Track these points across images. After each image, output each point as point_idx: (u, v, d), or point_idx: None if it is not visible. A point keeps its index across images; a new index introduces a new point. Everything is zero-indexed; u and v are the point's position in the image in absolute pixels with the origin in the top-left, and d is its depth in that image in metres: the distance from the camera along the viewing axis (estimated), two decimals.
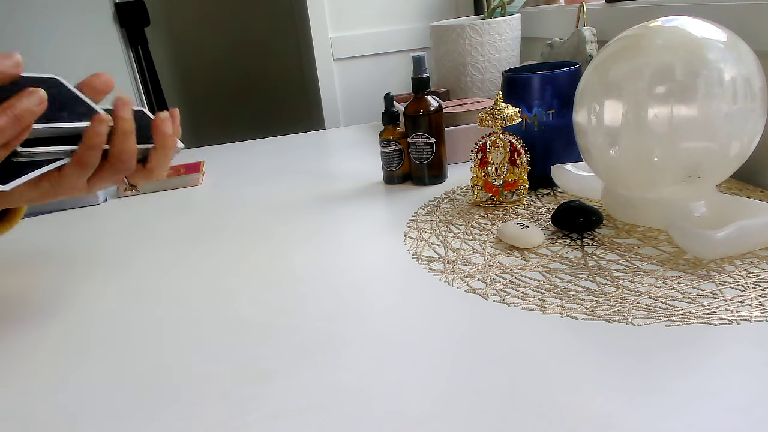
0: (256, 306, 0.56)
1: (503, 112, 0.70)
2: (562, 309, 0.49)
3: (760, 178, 0.71)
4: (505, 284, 0.55)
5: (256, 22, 2.74)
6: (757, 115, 0.55)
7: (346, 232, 0.72)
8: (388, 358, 0.46)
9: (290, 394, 0.43)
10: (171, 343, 0.52)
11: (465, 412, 0.39)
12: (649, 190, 0.60)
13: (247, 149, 1.22)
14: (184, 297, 0.60)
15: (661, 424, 0.36)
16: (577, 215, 0.62)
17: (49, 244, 0.80)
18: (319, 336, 0.50)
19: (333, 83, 1.67)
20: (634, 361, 0.42)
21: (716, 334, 0.44)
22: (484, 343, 0.46)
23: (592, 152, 0.61)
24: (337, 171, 0.98)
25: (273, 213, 0.82)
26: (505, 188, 0.73)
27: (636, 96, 0.56)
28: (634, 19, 0.89)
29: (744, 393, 0.37)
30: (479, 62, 1.13)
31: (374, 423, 0.39)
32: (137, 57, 2.00)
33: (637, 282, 0.52)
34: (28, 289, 0.67)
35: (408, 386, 0.42)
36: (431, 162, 0.83)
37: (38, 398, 0.46)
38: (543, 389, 0.40)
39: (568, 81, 0.72)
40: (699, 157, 0.55)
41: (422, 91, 0.80)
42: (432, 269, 0.59)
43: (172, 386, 0.45)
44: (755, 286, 0.49)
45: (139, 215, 0.88)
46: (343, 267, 0.62)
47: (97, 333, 0.55)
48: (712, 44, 0.54)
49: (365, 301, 0.55)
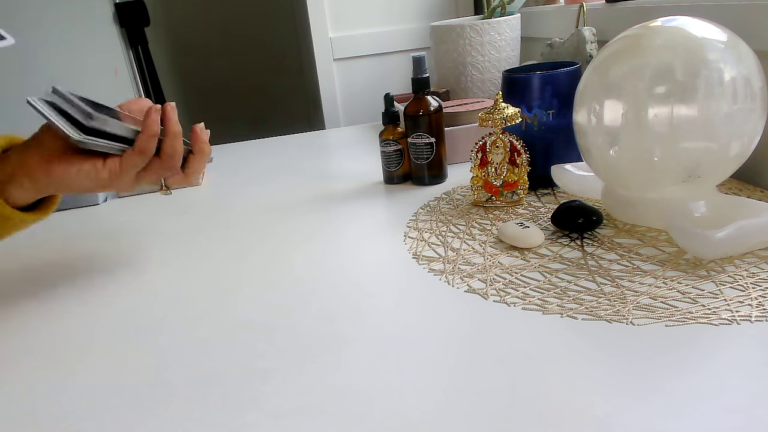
0: (256, 306, 0.56)
1: (503, 112, 0.70)
2: (562, 309, 0.49)
3: (760, 178, 0.71)
4: (505, 284, 0.55)
5: (257, 22, 2.74)
6: (757, 115, 0.55)
7: (346, 232, 0.72)
8: (388, 357, 0.46)
9: (290, 394, 0.43)
10: (171, 343, 0.52)
11: (465, 411, 0.39)
12: (649, 190, 0.60)
13: (247, 149, 1.22)
14: (184, 297, 0.60)
15: (661, 424, 0.36)
16: (577, 215, 0.62)
17: (49, 243, 0.80)
18: (319, 336, 0.50)
19: (333, 83, 1.67)
20: (635, 361, 0.42)
21: (716, 334, 0.44)
22: (484, 343, 0.46)
23: (592, 152, 0.61)
24: (337, 171, 0.98)
25: (273, 213, 0.82)
26: (505, 188, 0.73)
27: (636, 96, 0.56)
28: (634, 19, 0.89)
29: (744, 393, 0.37)
30: (479, 62, 1.13)
31: (374, 423, 0.39)
32: (137, 57, 2.00)
33: (637, 282, 0.52)
34: (28, 289, 0.67)
35: (408, 386, 0.42)
36: (431, 162, 0.83)
37: (38, 398, 0.46)
38: (543, 389, 0.40)
39: (568, 81, 0.72)
40: (699, 157, 0.55)
41: (422, 91, 0.80)
42: (432, 269, 0.59)
43: (172, 386, 0.45)
44: (755, 286, 0.49)
45: (139, 215, 0.88)
46: (343, 267, 0.62)
47: (97, 333, 0.55)
48: (712, 44, 0.54)
49: (365, 301, 0.55)
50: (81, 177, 0.56)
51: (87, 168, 0.56)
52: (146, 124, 0.56)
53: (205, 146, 0.61)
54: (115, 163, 0.57)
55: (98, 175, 0.56)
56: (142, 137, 0.56)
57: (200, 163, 0.62)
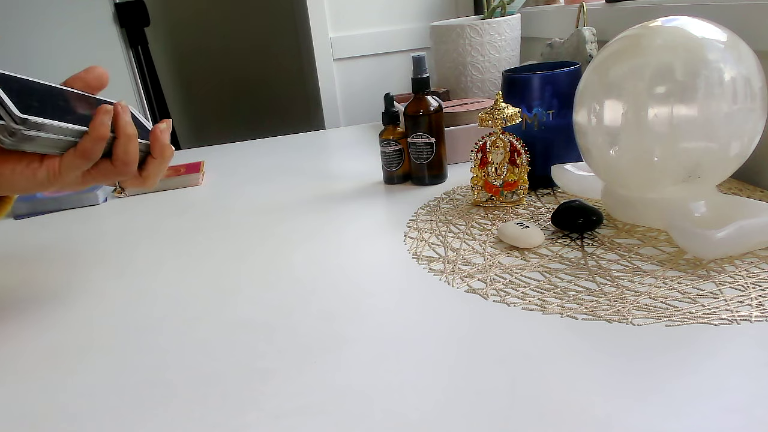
0: (256, 306, 0.56)
1: (503, 112, 0.70)
2: (562, 309, 0.49)
3: (760, 178, 0.71)
4: (505, 284, 0.55)
5: (256, 22, 2.74)
6: (757, 115, 0.55)
7: (346, 232, 0.72)
8: (388, 357, 0.46)
9: (290, 394, 0.43)
10: (171, 343, 0.52)
11: (465, 411, 0.39)
12: (649, 190, 0.60)
13: (247, 149, 1.22)
14: (184, 297, 0.60)
15: (661, 424, 0.36)
16: (577, 215, 0.62)
17: (49, 244, 0.80)
18: (319, 336, 0.50)
19: (333, 83, 1.67)
20: (635, 361, 0.42)
21: (716, 334, 0.44)
22: (484, 343, 0.46)
23: (592, 152, 0.61)
24: (337, 171, 0.98)
25: (273, 213, 0.82)
26: (505, 188, 0.73)
27: (636, 96, 0.56)
28: (634, 19, 0.89)
29: (744, 393, 0.37)
30: (479, 62, 1.13)
31: (374, 423, 0.39)
32: (137, 57, 2.00)
33: (637, 282, 0.52)
34: (28, 289, 0.67)
35: (408, 386, 0.42)
36: (431, 162, 0.83)
37: (38, 398, 0.46)
38: (543, 389, 0.40)
39: (568, 81, 0.72)
40: (699, 157, 0.55)
41: (422, 91, 0.80)
42: (432, 269, 0.59)
43: (172, 386, 0.45)
44: (755, 286, 0.49)
45: (139, 215, 0.88)
46: (343, 267, 0.62)
47: (97, 333, 0.55)
48: (712, 44, 0.54)
49: (365, 301, 0.55)
50: (16, 177, 0.50)
51: (21, 168, 0.50)
52: (92, 126, 0.50)
53: (165, 149, 0.55)
54: (54, 164, 0.50)
55: (35, 175, 0.50)
56: (87, 139, 0.50)
57: (159, 167, 0.55)
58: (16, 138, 0.47)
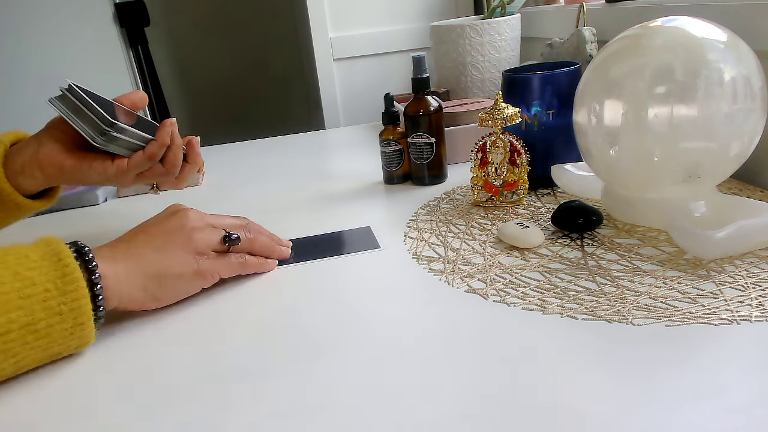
0: (254, 305, 0.56)
1: (503, 112, 0.70)
2: (562, 309, 0.49)
3: (760, 178, 0.71)
4: (505, 284, 0.55)
5: (256, 21, 2.74)
6: (757, 115, 0.55)
7: None
8: (387, 358, 0.46)
9: (290, 394, 0.43)
10: (170, 343, 0.51)
11: (465, 411, 0.39)
12: (649, 190, 0.60)
13: (247, 149, 1.22)
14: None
15: (661, 424, 0.36)
16: (577, 215, 0.62)
17: None
18: (318, 336, 0.50)
19: (333, 83, 1.67)
20: (635, 361, 0.42)
21: (716, 334, 0.44)
22: (484, 343, 0.46)
23: (592, 152, 0.61)
24: (337, 171, 0.98)
25: (273, 213, 0.82)
26: (505, 188, 0.73)
27: (636, 96, 0.56)
28: (634, 19, 0.89)
29: (744, 393, 0.37)
30: (479, 62, 1.13)
31: (374, 423, 0.39)
32: (137, 57, 2.00)
33: (637, 282, 0.52)
34: None
35: (408, 386, 0.42)
36: (431, 162, 0.83)
37: (37, 398, 0.46)
38: (543, 389, 0.40)
39: (568, 81, 0.72)
40: (699, 157, 0.55)
41: (422, 91, 0.80)
42: (432, 269, 0.59)
43: (172, 386, 0.45)
44: (755, 286, 0.49)
45: (139, 215, 0.88)
46: (343, 267, 0.62)
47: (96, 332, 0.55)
48: (712, 44, 0.54)
49: (364, 301, 0.55)
50: (91, 172, 0.63)
51: (97, 165, 0.63)
52: (160, 134, 0.64)
53: (198, 157, 0.70)
54: (123, 163, 0.63)
55: (106, 171, 0.63)
56: (155, 145, 0.63)
57: (192, 172, 0.70)
58: (106, 138, 0.60)
